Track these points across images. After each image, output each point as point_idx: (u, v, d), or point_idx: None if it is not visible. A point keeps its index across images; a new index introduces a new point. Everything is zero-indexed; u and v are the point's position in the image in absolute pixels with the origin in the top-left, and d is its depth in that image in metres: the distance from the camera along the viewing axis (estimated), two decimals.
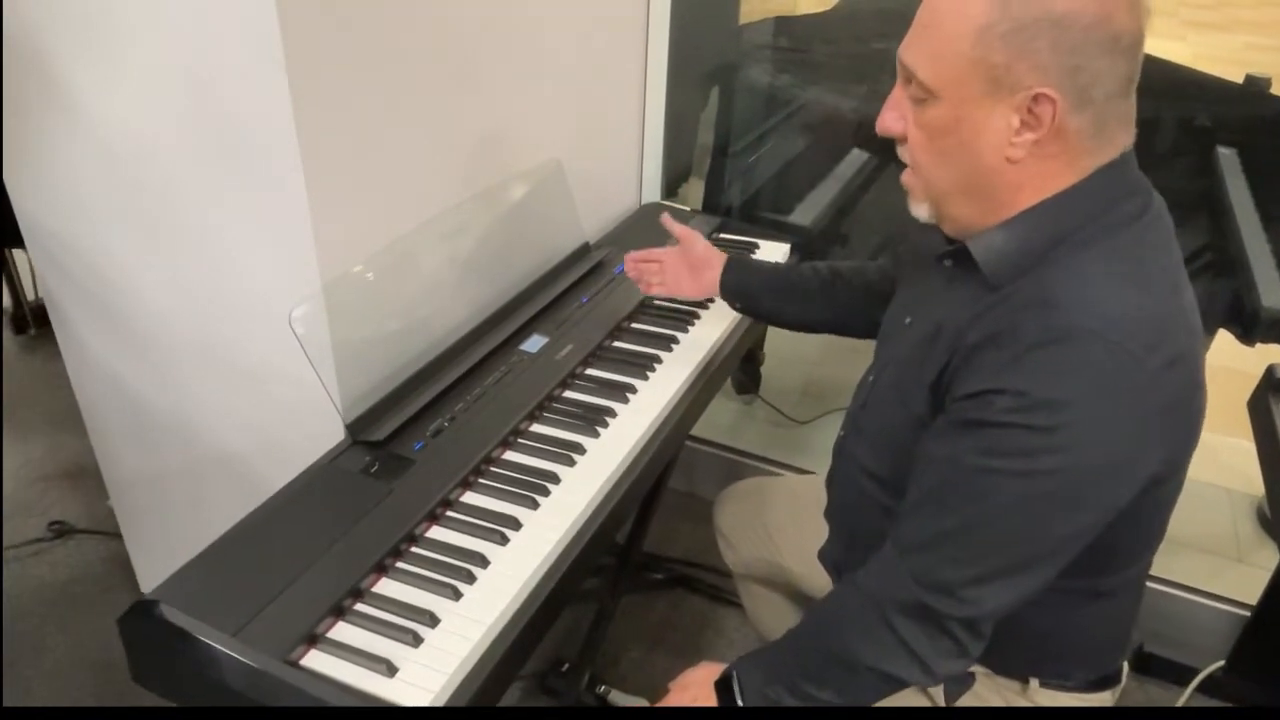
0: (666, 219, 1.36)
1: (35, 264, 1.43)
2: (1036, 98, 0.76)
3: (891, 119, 0.85)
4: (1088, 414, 0.75)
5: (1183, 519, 0.93)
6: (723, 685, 0.94)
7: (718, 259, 1.32)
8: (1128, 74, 0.77)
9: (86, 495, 2.09)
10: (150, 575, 1.76)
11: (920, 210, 0.88)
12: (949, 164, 0.83)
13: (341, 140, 1.12)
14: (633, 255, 1.40)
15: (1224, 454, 2.08)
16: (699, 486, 2.18)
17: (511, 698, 1.67)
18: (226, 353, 1.31)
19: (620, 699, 1.65)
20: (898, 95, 0.85)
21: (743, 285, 1.30)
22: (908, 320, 0.97)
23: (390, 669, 0.86)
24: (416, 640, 0.90)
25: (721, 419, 2.29)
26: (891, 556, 0.86)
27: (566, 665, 1.66)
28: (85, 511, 2.07)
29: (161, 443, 1.49)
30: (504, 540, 1.02)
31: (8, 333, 2.74)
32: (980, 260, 0.83)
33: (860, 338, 1.25)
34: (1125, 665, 1.04)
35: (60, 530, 2.02)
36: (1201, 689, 1.70)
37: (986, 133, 0.79)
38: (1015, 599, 0.83)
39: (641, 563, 1.94)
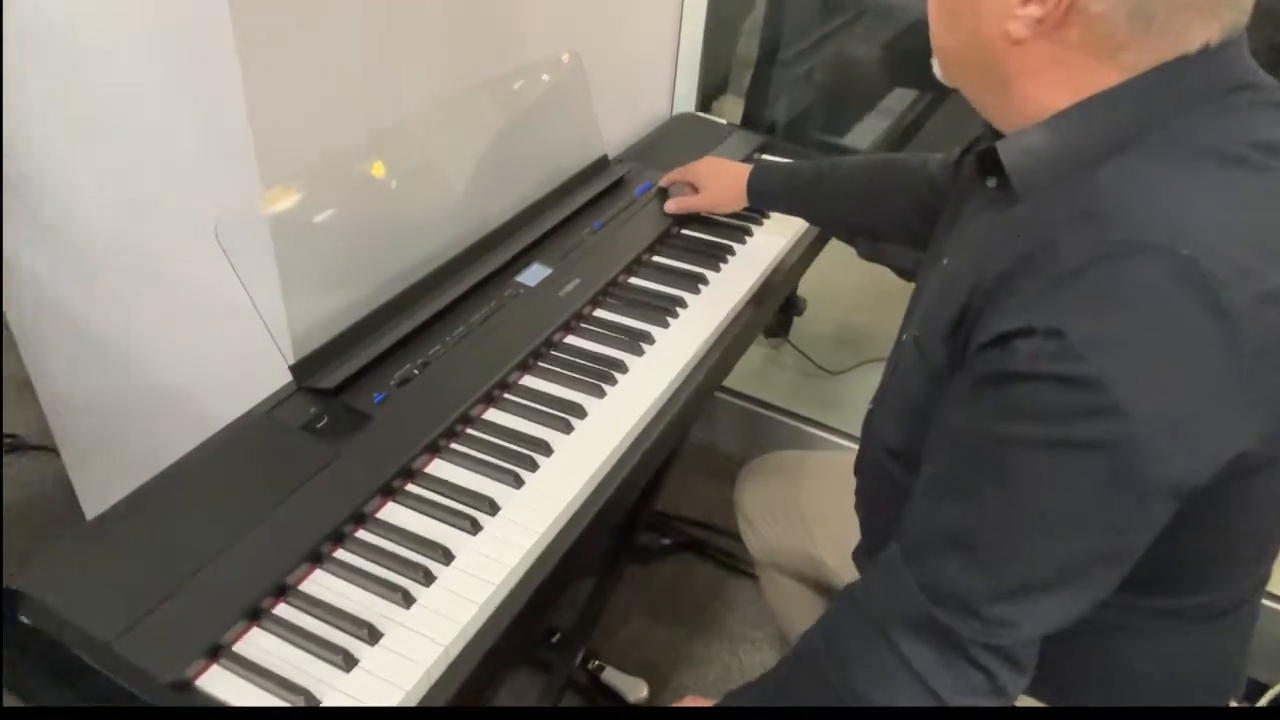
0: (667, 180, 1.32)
1: None
2: None
3: None
4: (1145, 360, 0.57)
5: None
6: None
7: (745, 167, 1.25)
8: None
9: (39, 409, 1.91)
10: (93, 499, 1.58)
11: (935, 66, 0.76)
12: (950, 23, 0.71)
13: (290, 9, 0.87)
14: (669, 176, 1.32)
15: None
16: (719, 439, 1.98)
17: None
18: (165, 268, 1.09)
19: (614, 678, 1.47)
20: None
21: (766, 185, 1.22)
22: (944, 261, 0.79)
23: (309, 699, 0.66)
24: (349, 662, 0.69)
25: (745, 364, 2.06)
26: (896, 561, 0.67)
27: (558, 635, 1.48)
28: (40, 426, 1.88)
29: (96, 362, 1.29)
30: (475, 528, 0.81)
31: None
32: (1007, 163, 0.68)
33: (893, 240, 1.14)
34: None
35: (13, 445, 1.84)
36: None
37: None
38: (1062, 619, 0.64)
39: (648, 522, 1.73)
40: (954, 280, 0.71)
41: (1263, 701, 1.51)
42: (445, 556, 0.78)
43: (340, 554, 0.78)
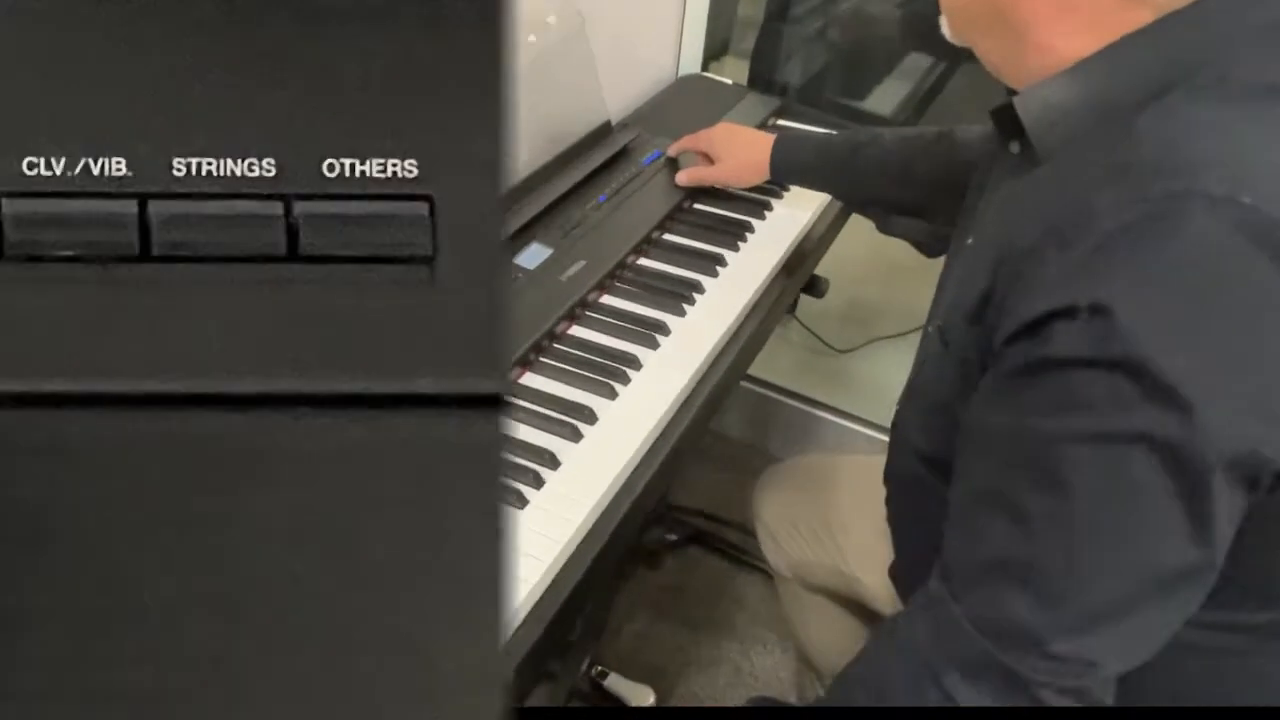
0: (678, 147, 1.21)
1: None
2: None
3: None
4: (1206, 333, 0.51)
5: None
6: None
7: (763, 135, 1.14)
8: None
9: None
10: None
11: (942, 23, 0.69)
12: None
13: None
14: (679, 144, 1.20)
15: None
16: (723, 422, 1.88)
17: None
18: None
19: (618, 684, 1.38)
20: None
21: (794, 159, 1.10)
22: (969, 240, 0.71)
23: None
24: None
25: None
26: (941, 596, 0.58)
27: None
28: None
29: None
30: None
31: None
32: (1026, 121, 0.62)
33: (933, 220, 1.04)
34: None
35: None
36: None
37: None
38: (1145, 651, 0.56)
39: (651, 516, 1.64)
40: (977, 260, 0.64)
41: None
42: None
43: None
